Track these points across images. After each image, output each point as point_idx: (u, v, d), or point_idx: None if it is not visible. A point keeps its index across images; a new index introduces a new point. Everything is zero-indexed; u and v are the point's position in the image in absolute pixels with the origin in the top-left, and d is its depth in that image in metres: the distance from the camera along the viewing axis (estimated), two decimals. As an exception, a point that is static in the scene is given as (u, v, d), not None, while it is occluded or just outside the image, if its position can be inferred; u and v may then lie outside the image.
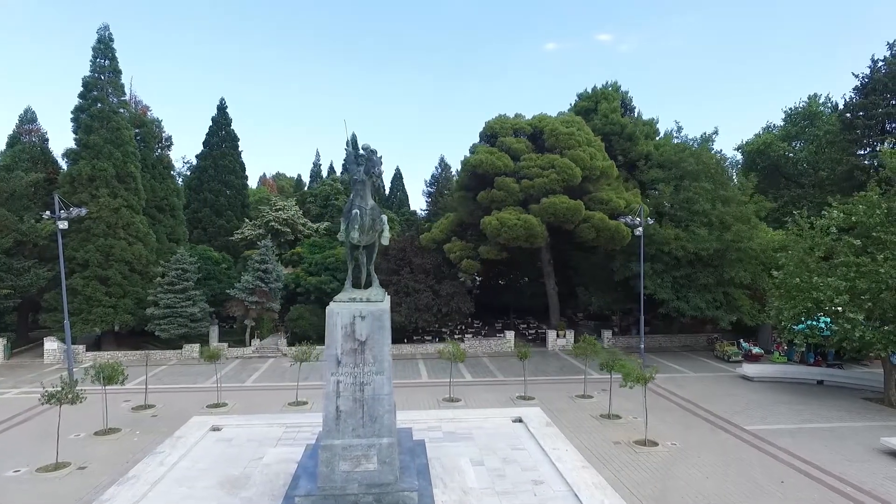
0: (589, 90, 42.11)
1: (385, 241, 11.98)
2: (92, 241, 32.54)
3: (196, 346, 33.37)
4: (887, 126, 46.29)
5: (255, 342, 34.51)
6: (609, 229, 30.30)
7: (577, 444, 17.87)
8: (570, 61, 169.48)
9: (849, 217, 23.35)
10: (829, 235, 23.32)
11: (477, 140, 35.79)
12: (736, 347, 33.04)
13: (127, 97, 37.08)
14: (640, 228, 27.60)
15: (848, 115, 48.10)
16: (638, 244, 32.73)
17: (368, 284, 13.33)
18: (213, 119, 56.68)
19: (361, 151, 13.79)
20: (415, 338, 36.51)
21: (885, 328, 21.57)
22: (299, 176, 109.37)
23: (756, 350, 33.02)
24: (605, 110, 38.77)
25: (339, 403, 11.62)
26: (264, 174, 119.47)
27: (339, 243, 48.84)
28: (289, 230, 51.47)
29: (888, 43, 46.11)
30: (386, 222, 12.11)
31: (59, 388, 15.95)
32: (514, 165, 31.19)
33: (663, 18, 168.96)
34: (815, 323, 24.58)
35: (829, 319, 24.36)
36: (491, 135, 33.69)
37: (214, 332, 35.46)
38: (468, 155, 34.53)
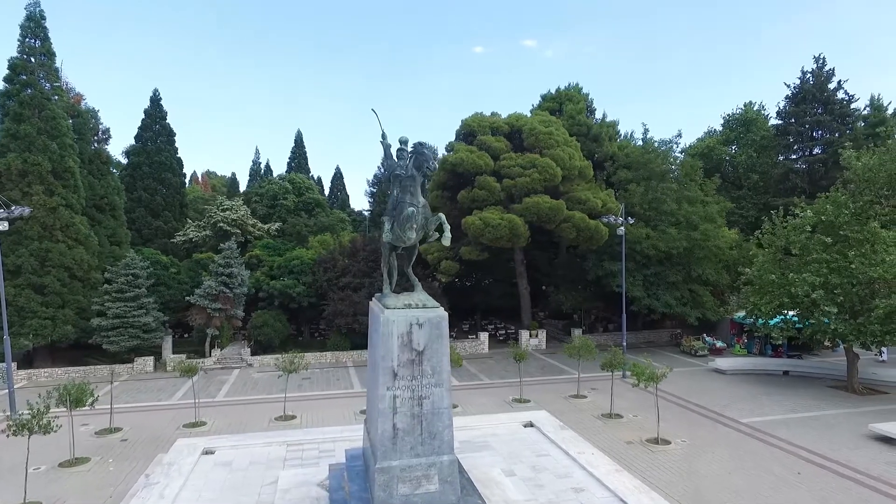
0: (553, 91, 42.58)
1: (447, 242, 11.02)
2: (25, 245, 28.84)
3: (150, 360, 30.43)
4: (815, 133, 50.16)
5: (216, 352, 31.97)
6: (589, 229, 30.60)
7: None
8: (498, 64, 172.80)
9: (819, 216, 24.72)
10: (804, 234, 24.58)
11: (450, 138, 35.10)
12: (702, 342, 34.37)
13: (61, 83, 33.30)
14: (622, 228, 27.97)
15: (781, 122, 51.81)
16: (610, 244, 33.39)
17: (396, 289, 12.37)
18: (146, 112, 52.36)
19: (400, 145, 12.80)
20: (386, 342, 35.23)
21: (857, 320, 22.99)
22: (234, 174, 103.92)
23: (720, 344, 34.55)
24: (570, 111, 39.27)
25: (395, 421, 10.53)
26: (194, 172, 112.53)
27: (294, 246, 46.90)
28: (238, 231, 48.37)
29: (814, 57, 49.94)
30: (444, 220, 11.15)
31: (29, 416, 13.67)
32: (495, 165, 30.80)
33: (586, 27, 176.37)
34: (788, 317, 25.89)
35: (794, 313, 25.79)
36: (468, 133, 33.09)
37: (168, 343, 32.51)
38: (446, 153, 33.75)
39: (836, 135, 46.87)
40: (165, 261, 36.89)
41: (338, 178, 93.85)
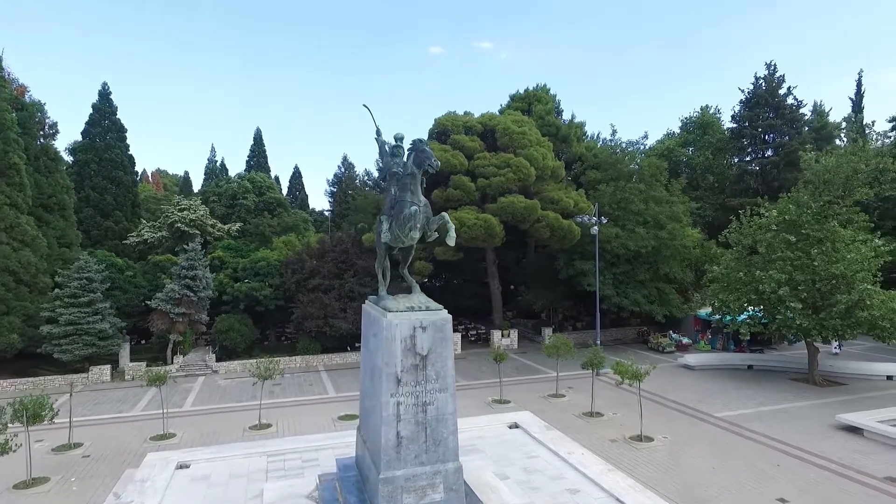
0: (521, 91, 42.77)
1: (451, 242, 10.65)
2: (-36, 247, 26.66)
3: (106, 369, 28.65)
4: (767, 137, 52.35)
5: (179, 359, 30.42)
6: (562, 228, 30.81)
7: (582, 445, 17.63)
8: (455, 65, 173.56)
9: (782, 216, 25.67)
10: (769, 232, 25.47)
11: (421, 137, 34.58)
12: (668, 339, 35.23)
13: (3, 72, 30.97)
14: (596, 228, 28.29)
15: (735, 125, 53.87)
16: (581, 243, 33.77)
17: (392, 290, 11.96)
18: (93, 106, 49.51)
19: (396, 142, 12.39)
20: (357, 345, 34.46)
21: (819, 315, 23.99)
22: (187, 173, 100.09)
23: (686, 340, 35.51)
24: (539, 111, 39.55)
25: (399, 428, 10.10)
26: (144, 170, 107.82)
27: (258, 247, 45.38)
28: (197, 232, 46.33)
29: (766, 64, 52.21)
30: (448, 219, 10.78)
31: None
32: (469, 164, 30.60)
33: (540, 30, 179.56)
34: (752, 313, 26.80)
35: (756, 310, 26.75)
36: (441, 132, 32.76)
37: (126, 350, 30.70)
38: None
39: (787, 138, 49.03)
40: (121, 263, 34.89)
41: (296, 177, 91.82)
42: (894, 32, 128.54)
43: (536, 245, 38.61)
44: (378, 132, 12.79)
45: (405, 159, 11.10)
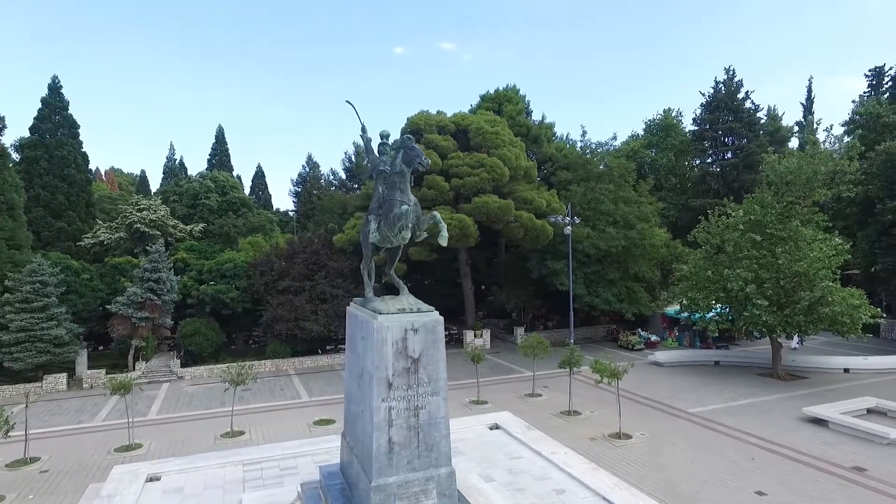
0: (491, 91, 42.88)
1: (444, 242, 10.42)
2: None
3: (63, 377, 27.15)
4: (727, 140, 54.07)
5: (141, 365, 29.11)
6: (536, 228, 30.97)
7: (563, 444, 17.67)
8: (420, 65, 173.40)
9: (748, 216, 26.47)
10: (737, 232, 26.22)
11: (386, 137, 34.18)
12: (637, 337, 35.89)
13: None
14: (569, 228, 28.55)
15: (697, 128, 55.46)
16: (552, 243, 34.04)
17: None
18: (43, 101, 46.96)
19: (382, 139, 12.09)
20: (328, 347, 33.84)
21: (784, 312, 24.83)
22: (143, 172, 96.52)
23: (654, 338, 36.27)
24: (510, 112, 39.72)
25: (391, 434, 9.81)
26: (97, 168, 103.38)
27: (222, 248, 43.99)
28: (158, 233, 44.55)
29: (725, 69, 53.90)
30: (439, 219, 10.54)
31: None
32: (443, 164, 30.40)
33: (501, 33, 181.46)
34: (719, 310, 27.55)
35: (721, 307, 27.53)
36: (414, 131, 32.43)
37: (84, 357, 29.17)
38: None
39: (745, 141, 50.72)
40: (77, 266, 33.13)
41: (259, 177, 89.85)
42: (839, 41, 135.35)
43: (508, 245, 38.73)
44: (363, 129, 12.47)
45: (395, 157, 10.80)
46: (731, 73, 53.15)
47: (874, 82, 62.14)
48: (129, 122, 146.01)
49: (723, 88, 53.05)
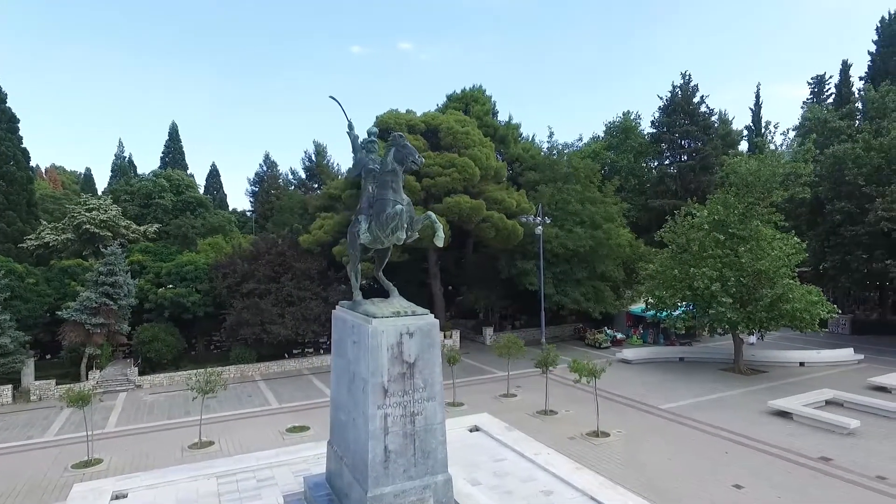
0: (458, 91, 42.78)
1: (440, 243, 10.13)
2: None
3: (7, 389, 25.30)
4: (683, 142, 55.82)
5: (95, 374, 27.45)
6: (507, 229, 31.04)
7: (543, 444, 17.66)
8: (377, 65, 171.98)
9: (712, 216, 27.30)
10: (702, 231, 26.99)
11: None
12: (604, 335, 36.54)
13: None
14: (541, 228, 28.76)
15: (655, 130, 57.03)
16: (522, 242, 34.23)
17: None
18: (-27, 94, 44.08)
19: (370, 137, 11.73)
20: (295, 352, 32.91)
21: (746, 309, 25.72)
22: (88, 170, 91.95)
23: (620, 336, 37.01)
24: (477, 112, 39.70)
25: (387, 442, 9.48)
26: (37, 166, 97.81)
27: (180, 249, 42.18)
28: (109, 234, 42.30)
29: (682, 73, 55.60)
30: (434, 218, 10.25)
31: None
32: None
33: (459, 33, 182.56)
34: (686, 308, 28.31)
35: (690, 305, 28.32)
36: (384, 130, 31.78)
37: (30, 367, 27.27)
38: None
39: (700, 143, 52.47)
40: (21, 270, 30.97)
41: (214, 175, 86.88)
42: (784, 49, 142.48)
43: (476, 245, 38.72)
44: (350, 126, 12.07)
45: (386, 156, 10.45)
46: (688, 77, 54.82)
47: (816, 90, 65.61)
48: (71, 118, 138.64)
49: (679, 93, 54.62)
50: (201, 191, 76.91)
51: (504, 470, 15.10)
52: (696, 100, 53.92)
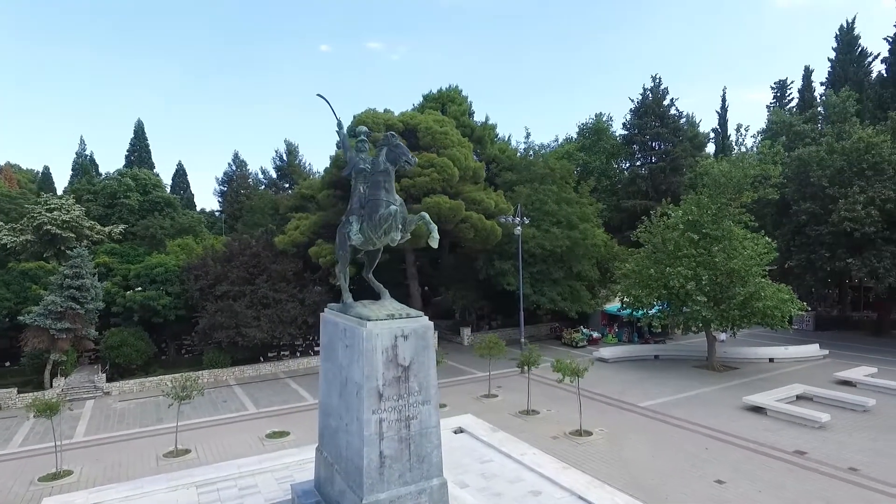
0: (434, 91, 42.66)
1: (434, 244, 9.98)
2: None
3: (-35, 398, 24.02)
4: (654, 144, 56.95)
5: (60, 381, 26.30)
6: (486, 229, 31.05)
7: (529, 445, 17.69)
8: (346, 64, 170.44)
9: (686, 216, 27.88)
10: (677, 231, 27.52)
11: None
12: (580, 334, 36.94)
13: None
14: (519, 228, 28.89)
15: (626, 132, 58.06)
16: (499, 243, 34.32)
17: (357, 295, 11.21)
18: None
19: (361, 136, 11.53)
20: (270, 355, 32.23)
21: (720, 307, 26.34)
22: (47, 168, 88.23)
23: (596, 334, 37.48)
24: (454, 112, 39.64)
25: (382, 448, 9.29)
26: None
27: (148, 251, 40.87)
28: (72, 235, 40.64)
29: (652, 77, 56.79)
30: (428, 219, 10.10)
31: None
32: (391, 163, 29.70)
33: (429, 34, 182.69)
34: (662, 306, 28.83)
35: (665, 303, 28.86)
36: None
37: (-11, 374, 26.00)
38: (338, 150, 31.71)
39: (670, 145, 53.64)
40: (-24, 273, 29.52)
41: (180, 175, 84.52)
42: (748, 56, 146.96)
43: (453, 246, 38.67)
44: (339, 125, 11.86)
45: (378, 155, 10.27)
46: (658, 81, 55.97)
47: (779, 94, 67.83)
48: (27, 114, 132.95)
49: (650, 95, 55.73)
50: (168, 190, 74.88)
51: (491, 471, 15.06)
52: (665, 102, 55.07)
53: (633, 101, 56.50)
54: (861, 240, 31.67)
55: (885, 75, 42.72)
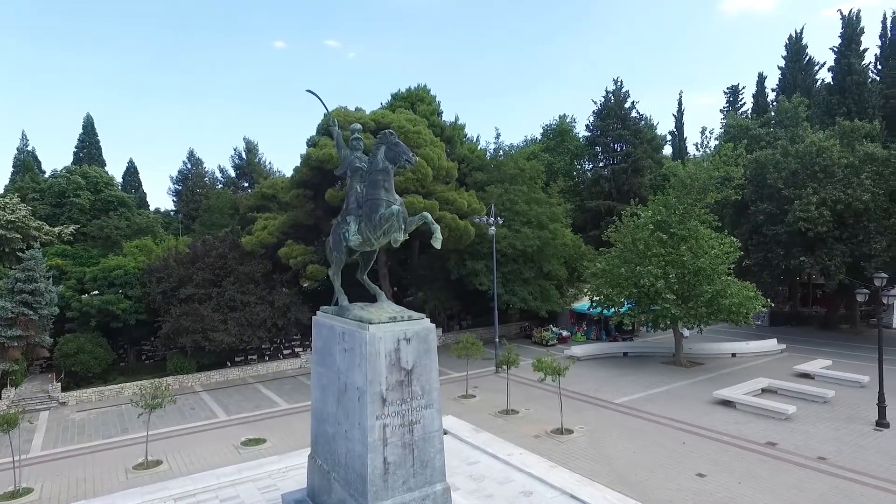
0: (403, 90, 42.33)
1: (437, 244, 9.77)
2: None
3: None
4: (616, 146, 58.24)
5: (10, 392, 24.63)
6: (460, 229, 30.96)
7: (512, 444, 17.70)
8: (302, 62, 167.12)
9: (655, 216, 28.58)
10: (646, 231, 28.18)
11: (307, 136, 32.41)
12: (550, 333, 37.40)
13: None
14: (493, 228, 28.97)
15: (589, 134, 59.21)
16: (471, 243, 34.34)
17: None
18: None
19: (356, 133, 11.24)
20: (237, 359, 31.19)
21: (688, 305, 27.14)
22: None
23: (565, 333, 38.03)
24: (424, 112, 39.40)
25: (386, 454, 9.06)
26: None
27: (103, 252, 38.91)
28: (18, 236, 38.21)
29: (614, 79, 58.12)
30: (430, 219, 9.90)
31: None
32: (365, 162, 29.26)
33: (387, 33, 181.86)
34: (632, 304, 29.48)
35: (633, 301, 29.54)
36: (330, 128, 30.95)
37: (-71, 386, 24.09)
38: (308, 148, 30.99)
39: (632, 147, 54.99)
40: (-87, 277, 27.25)
41: (132, 172, 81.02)
42: (697, 62, 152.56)
43: (423, 246, 38.45)
44: (332, 121, 11.49)
45: (376, 154, 10.01)
46: (619, 84, 57.32)
47: (731, 99, 70.65)
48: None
49: (612, 98, 56.99)
50: (119, 188, 71.53)
51: (480, 473, 14.99)
52: (627, 105, 56.40)
53: (595, 103, 57.64)
54: (814, 239, 33.26)
55: (831, 83, 45.07)
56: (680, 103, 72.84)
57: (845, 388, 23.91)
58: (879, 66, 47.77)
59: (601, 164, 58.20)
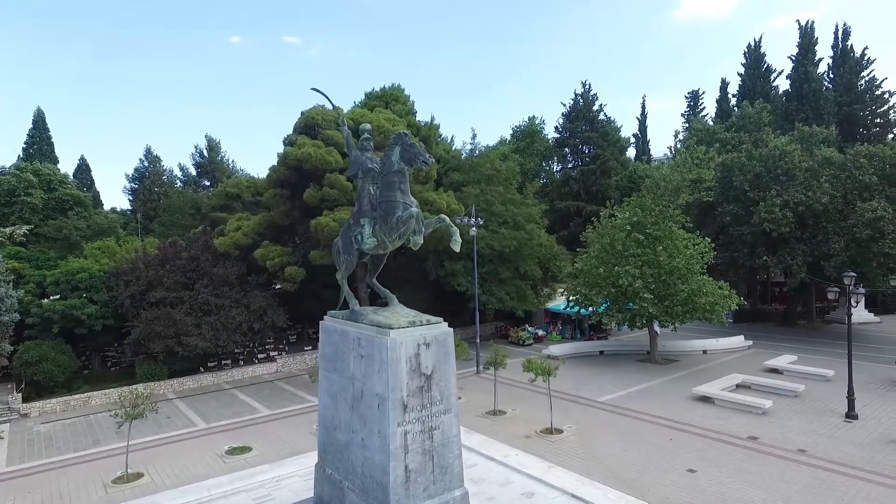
0: (377, 89, 41.90)
1: (457, 248, 9.63)
2: None
3: None
4: (584, 148, 59.29)
5: (-35, 404, 23.09)
6: (439, 230, 30.75)
7: (505, 445, 17.73)
8: (259, 58, 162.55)
9: (632, 218, 29.20)
10: (624, 232, 28.75)
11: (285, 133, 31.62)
12: (527, 332, 37.73)
13: None
14: (474, 229, 28.98)
15: (559, 135, 60.10)
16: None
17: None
18: None
19: (366, 133, 10.98)
20: (210, 364, 30.14)
21: (664, 304, 27.84)
22: (-84, 162, 77.54)
23: (541, 332, 38.44)
24: (399, 111, 39.08)
25: (408, 461, 8.91)
26: None
27: (62, 254, 36.96)
28: (-34, 237, 35.92)
29: (582, 82, 59.12)
30: (449, 221, 9.74)
31: None
32: (344, 161, 28.75)
33: (349, 30, 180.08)
34: (609, 304, 30.02)
35: (608, 300, 30.10)
36: (310, 126, 30.21)
37: None
38: (286, 147, 30.18)
39: (600, 149, 56.06)
40: None
41: (84, 170, 77.37)
42: (659, 67, 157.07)
43: (400, 246, 38.20)
44: (342, 121, 11.20)
45: (390, 155, 9.81)
46: (588, 87, 58.34)
47: (692, 103, 73.04)
48: None
49: (581, 101, 57.99)
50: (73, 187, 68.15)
51: (478, 475, 14.91)
52: (595, 107, 57.49)
53: (564, 105, 58.59)
54: (777, 239, 34.68)
55: (789, 90, 47.18)
56: (643, 107, 74.92)
57: (813, 381, 24.97)
58: (832, 75, 50.39)
59: (570, 166, 59.10)
